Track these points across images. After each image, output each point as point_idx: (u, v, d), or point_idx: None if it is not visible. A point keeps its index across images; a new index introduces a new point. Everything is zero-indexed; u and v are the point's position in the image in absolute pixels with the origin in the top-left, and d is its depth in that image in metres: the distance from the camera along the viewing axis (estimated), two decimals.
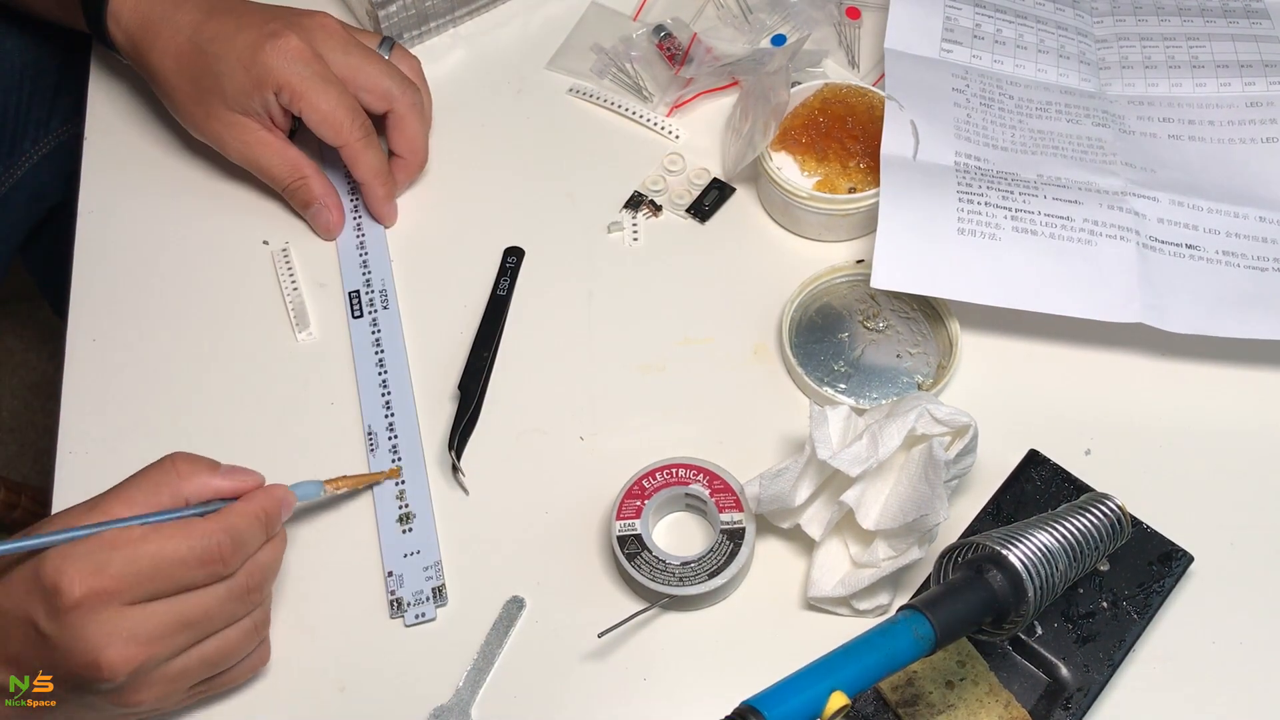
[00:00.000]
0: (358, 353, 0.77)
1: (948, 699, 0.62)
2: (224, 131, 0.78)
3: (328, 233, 0.81)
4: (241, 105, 0.76)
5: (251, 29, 0.76)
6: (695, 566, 0.67)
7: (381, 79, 0.78)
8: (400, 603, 0.68)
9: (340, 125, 0.77)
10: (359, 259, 0.81)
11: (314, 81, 0.75)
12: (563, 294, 0.80)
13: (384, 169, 0.80)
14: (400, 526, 0.70)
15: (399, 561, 0.69)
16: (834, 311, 0.77)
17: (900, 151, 0.78)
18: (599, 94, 0.88)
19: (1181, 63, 0.86)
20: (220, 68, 0.76)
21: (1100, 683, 0.64)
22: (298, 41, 0.75)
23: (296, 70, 0.75)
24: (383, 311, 0.78)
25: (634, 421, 0.75)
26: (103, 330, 0.78)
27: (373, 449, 0.73)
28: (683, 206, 0.83)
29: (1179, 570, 0.67)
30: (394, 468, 0.72)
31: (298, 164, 0.79)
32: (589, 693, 0.66)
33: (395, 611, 0.68)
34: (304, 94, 0.75)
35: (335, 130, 0.77)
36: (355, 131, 0.77)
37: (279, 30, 0.75)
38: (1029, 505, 0.69)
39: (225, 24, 0.76)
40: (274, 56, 0.75)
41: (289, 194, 0.80)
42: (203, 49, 0.76)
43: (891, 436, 0.64)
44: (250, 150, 0.79)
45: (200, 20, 0.77)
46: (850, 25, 0.89)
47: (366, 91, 0.78)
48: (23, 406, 1.66)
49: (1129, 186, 0.78)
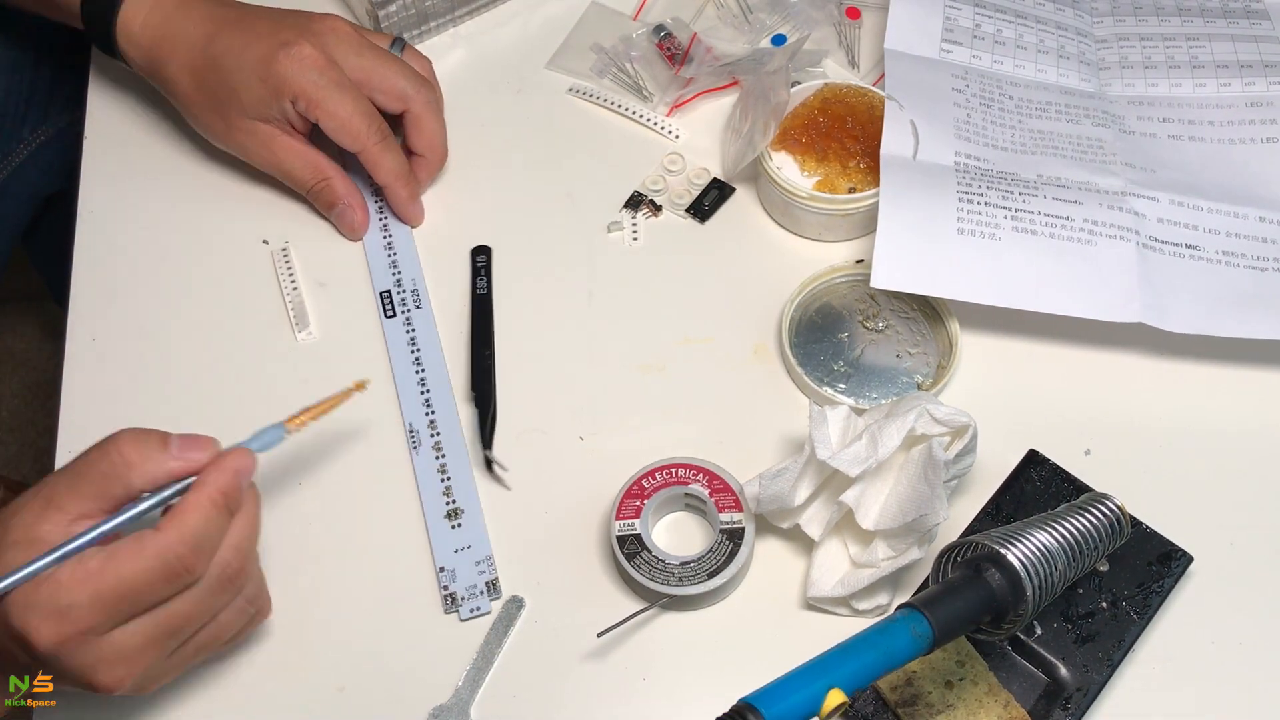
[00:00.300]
0: (393, 352, 0.77)
1: (947, 699, 0.62)
2: (246, 140, 0.79)
3: (353, 232, 0.81)
4: (260, 113, 0.77)
5: (264, 40, 0.76)
6: (694, 566, 0.67)
7: (396, 79, 0.78)
8: (454, 597, 0.68)
9: (357, 131, 0.77)
10: (388, 259, 0.80)
11: (329, 89, 0.75)
12: (562, 294, 0.80)
13: (404, 170, 0.80)
14: (449, 522, 0.71)
15: (450, 557, 0.70)
16: (834, 311, 0.77)
17: (900, 151, 0.78)
18: (599, 94, 0.88)
19: (1181, 63, 0.86)
20: (236, 80, 0.76)
21: (1099, 683, 0.64)
22: (311, 49, 0.75)
23: (311, 78, 0.75)
24: (416, 311, 0.78)
25: (633, 421, 0.75)
26: (103, 330, 0.78)
27: (415, 446, 0.73)
28: (682, 206, 0.83)
29: (1178, 571, 0.67)
30: (359, 381, 0.66)
31: (320, 166, 0.79)
32: (588, 692, 0.66)
33: (450, 606, 0.68)
34: (320, 101, 0.75)
35: (353, 136, 0.77)
36: (372, 136, 0.77)
37: (291, 39, 0.75)
38: (1029, 505, 0.69)
39: (238, 36, 0.77)
40: (288, 66, 0.75)
41: (313, 196, 0.80)
42: (217, 62, 0.76)
43: (891, 436, 0.64)
44: (273, 155, 0.79)
45: (212, 33, 0.77)
46: (850, 25, 0.89)
47: (382, 93, 0.78)
48: (23, 405, 1.66)
49: (1129, 186, 0.78)
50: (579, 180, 0.84)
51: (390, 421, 0.74)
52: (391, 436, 0.74)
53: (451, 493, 0.72)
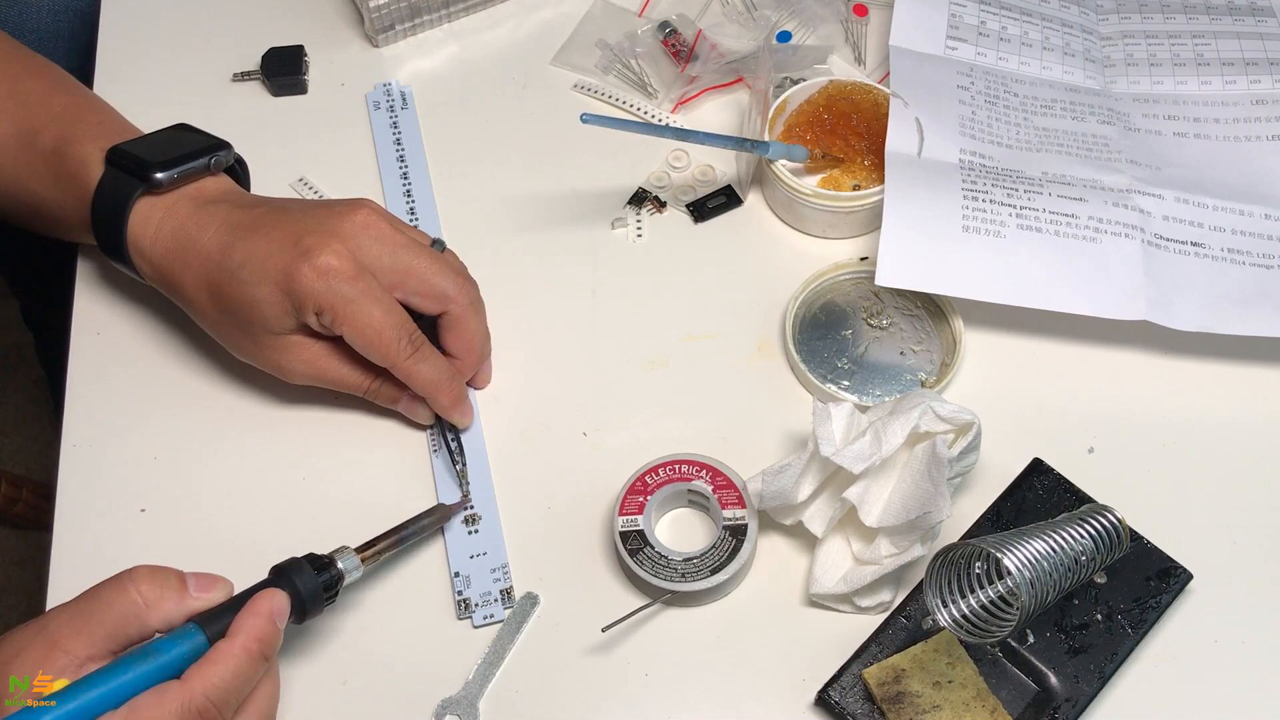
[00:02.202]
0: None
1: (934, 699, 0.62)
2: (280, 358, 0.71)
3: (424, 421, 0.74)
4: (286, 326, 0.69)
5: (284, 250, 0.68)
6: (698, 563, 0.67)
7: (436, 279, 0.70)
8: (468, 603, 0.68)
9: (387, 347, 0.68)
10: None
11: (356, 303, 0.67)
12: (566, 289, 0.80)
13: (442, 378, 0.71)
14: (466, 528, 0.70)
15: (465, 562, 0.69)
16: (838, 308, 0.77)
17: (905, 149, 0.78)
18: (604, 90, 0.88)
19: (1187, 60, 0.86)
20: (256, 294, 0.68)
21: (1089, 695, 0.63)
22: (336, 260, 0.67)
23: (337, 291, 0.67)
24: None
25: (637, 417, 0.75)
26: (107, 323, 0.78)
27: (435, 450, 0.73)
28: (686, 203, 0.83)
29: (1177, 587, 0.66)
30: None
31: (366, 368, 0.72)
32: (592, 688, 0.66)
33: (463, 612, 0.68)
34: (347, 318, 0.67)
35: (382, 353, 0.69)
36: (403, 351, 0.69)
37: (313, 247, 0.67)
38: (1029, 513, 0.69)
39: (255, 246, 0.68)
40: (311, 280, 0.67)
41: (372, 397, 0.73)
42: (235, 275, 0.68)
43: (895, 434, 0.64)
44: (314, 369, 0.71)
45: (228, 243, 0.69)
46: (857, 22, 0.89)
47: (419, 295, 0.70)
48: (27, 400, 1.66)
49: (1134, 184, 0.78)
50: (583, 176, 0.84)
51: (410, 424, 0.74)
52: (411, 439, 0.74)
53: (470, 498, 0.72)
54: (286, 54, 0.88)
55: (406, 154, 0.85)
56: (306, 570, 0.60)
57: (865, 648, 0.65)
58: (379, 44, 0.90)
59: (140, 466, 0.73)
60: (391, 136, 0.86)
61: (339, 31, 0.92)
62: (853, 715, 0.63)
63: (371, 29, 0.89)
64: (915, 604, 0.66)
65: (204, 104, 0.87)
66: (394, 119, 0.87)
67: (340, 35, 0.92)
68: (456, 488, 0.72)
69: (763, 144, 0.78)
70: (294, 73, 0.88)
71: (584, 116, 0.71)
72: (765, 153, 0.78)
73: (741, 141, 0.78)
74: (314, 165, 0.85)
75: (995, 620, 0.60)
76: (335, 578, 0.62)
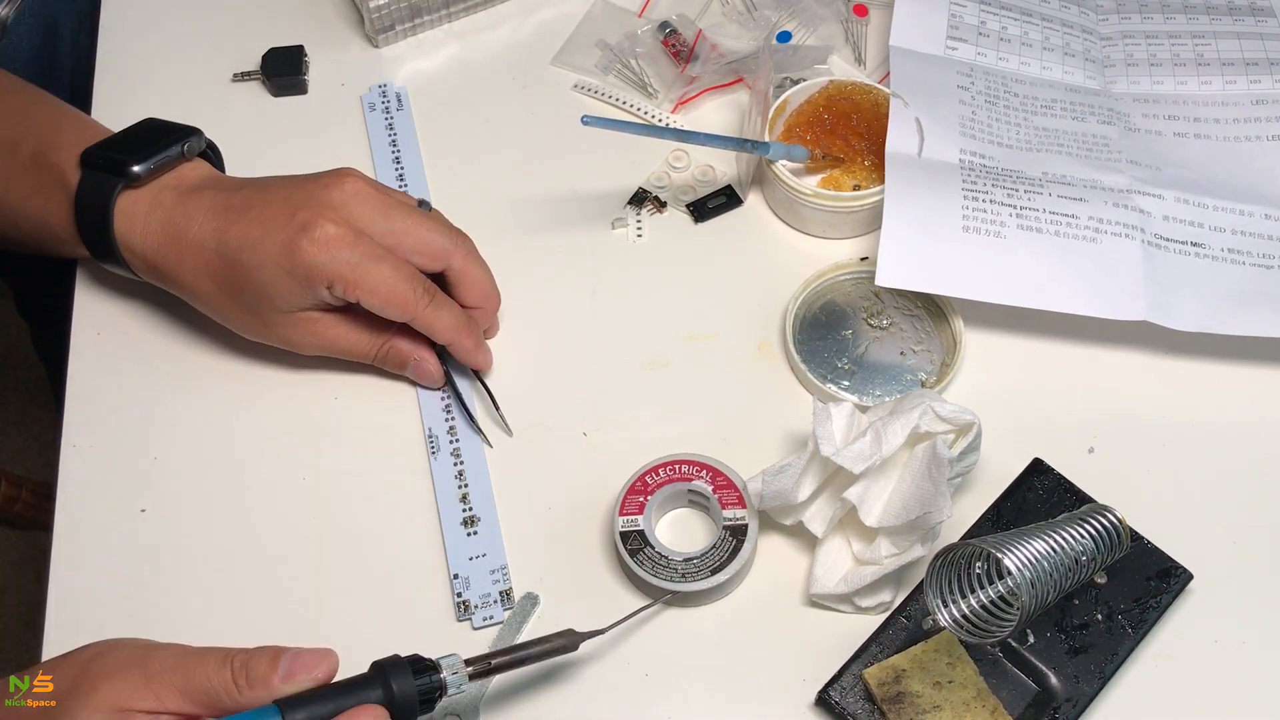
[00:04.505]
0: None
1: (934, 699, 0.62)
2: (290, 333, 0.72)
3: (433, 382, 0.75)
4: (295, 304, 0.70)
5: (279, 228, 0.68)
6: (698, 563, 0.67)
7: (431, 235, 0.71)
8: (467, 605, 0.68)
9: (404, 300, 0.69)
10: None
11: (364, 266, 0.68)
12: (566, 290, 0.80)
13: (462, 321, 0.72)
14: (465, 530, 0.70)
15: (465, 564, 0.69)
16: (838, 309, 0.77)
17: (905, 149, 0.78)
18: (604, 90, 0.88)
19: (1187, 60, 0.86)
20: (261, 277, 0.68)
21: (1089, 695, 0.63)
22: (334, 228, 0.68)
23: (342, 259, 0.68)
24: None
25: (637, 418, 0.75)
26: (107, 323, 0.78)
27: (434, 452, 0.73)
28: (686, 203, 0.83)
29: (1177, 587, 0.66)
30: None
31: (376, 333, 0.73)
32: (591, 688, 0.66)
33: (463, 614, 0.68)
34: (358, 282, 0.68)
35: (400, 307, 0.70)
36: (421, 300, 0.70)
37: (309, 220, 0.68)
38: (1029, 513, 0.69)
39: (249, 227, 0.69)
40: (314, 253, 0.67)
41: (380, 363, 0.74)
42: (234, 260, 0.69)
43: (895, 434, 0.64)
44: (324, 340, 0.72)
45: (220, 228, 0.69)
46: (857, 22, 0.89)
47: (418, 254, 0.71)
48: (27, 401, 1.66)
49: (1134, 184, 0.78)
50: (583, 176, 0.84)
51: (410, 426, 0.74)
52: (410, 441, 0.74)
53: (468, 500, 0.71)
54: (286, 54, 0.88)
55: (402, 155, 0.85)
56: (407, 674, 0.56)
57: (865, 648, 0.65)
58: (379, 44, 0.90)
59: (140, 466, 0.73)
60: (387, 138, 0.86)
61: (339, 32, 0.92)
62: (853, 715, 0.63)
63: (372, 29, 0.90)
64: (915, 604, 0.66)
65: (204, 104, 0.87)
66: (389, 120, 0.87)
67: (340, 35, 0.92)
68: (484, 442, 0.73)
69: (763, 144, 0.78)
70: (294, 73, 0.88)
71: (585, 119, 0.71)
72: (765, 153, 0.78)
73: (742, 142, 0.78)
74: (314, 165, 0.83)
75: (996, 620, 0.60)
76: (435, 686, 0.57)
